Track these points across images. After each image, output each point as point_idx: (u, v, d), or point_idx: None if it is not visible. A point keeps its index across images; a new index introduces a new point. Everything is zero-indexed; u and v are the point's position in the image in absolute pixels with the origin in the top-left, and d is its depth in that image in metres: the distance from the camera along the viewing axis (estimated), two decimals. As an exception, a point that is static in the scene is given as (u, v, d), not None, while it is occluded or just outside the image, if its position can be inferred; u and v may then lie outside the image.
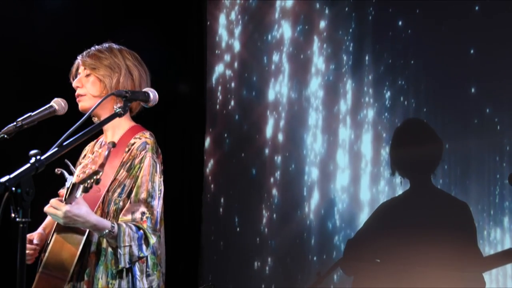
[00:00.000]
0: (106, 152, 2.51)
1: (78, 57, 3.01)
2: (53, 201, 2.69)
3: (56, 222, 2.85)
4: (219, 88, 5.40)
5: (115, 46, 3.02)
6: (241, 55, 5.30)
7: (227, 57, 5.37)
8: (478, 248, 4.02)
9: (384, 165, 4.47)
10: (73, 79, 3.01)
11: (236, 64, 5.31)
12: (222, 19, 5.38)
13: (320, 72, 4.87)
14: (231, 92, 5.33)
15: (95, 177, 2.55)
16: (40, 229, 3.01)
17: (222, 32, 5.38)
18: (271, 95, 5.10)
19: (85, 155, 3.11)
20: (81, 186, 2.58)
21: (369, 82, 4.59)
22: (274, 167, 5.05)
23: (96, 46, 3.01)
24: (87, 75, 2.96)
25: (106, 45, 3.02)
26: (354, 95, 4.67)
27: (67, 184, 2.66)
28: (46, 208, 2.70)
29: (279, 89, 5.07)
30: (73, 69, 3.03)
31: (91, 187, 2.59)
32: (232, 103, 5.32)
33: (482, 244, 4.05)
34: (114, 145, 2.57)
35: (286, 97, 5.02)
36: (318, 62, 4.88)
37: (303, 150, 4.91)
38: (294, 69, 5.02)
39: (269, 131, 5.10)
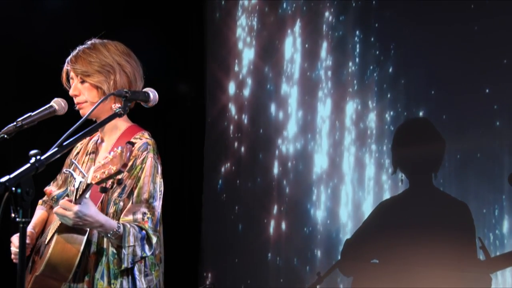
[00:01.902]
0: (128, 153, 2.49)
1: (66, 64, 2.96)
2: (63, 202, 2.68)
3: (54, 222, 2.84)
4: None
5: (98, 42, 2.96)
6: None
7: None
8: (476, 248, 4.02)
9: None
10: (66, 84, 2.99)
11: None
12: (231, 89, 5.35)
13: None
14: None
15: (116, 177, 2.54)
16: (30, 228, 2.99)
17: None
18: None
19: (77, 153, 3.09)
20: (99, 187, 2.57)
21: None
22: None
23: (81, 47, 2.95)
24: (82, 82, 2.92)
25: (90, 43, 2.96)
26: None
27: (76, 184, 2.66)
28: (56, 209, 2.69)
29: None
30: (63, 75, 2.99)
31: (111, 187, 2.58)
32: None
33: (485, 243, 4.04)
34: (133, 144, 2.55)
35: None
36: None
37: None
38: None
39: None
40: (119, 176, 2.53)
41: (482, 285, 3.99)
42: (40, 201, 3.18)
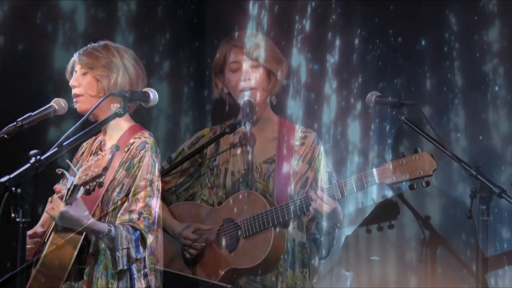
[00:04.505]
0: (110, 156, 2.50)
1: (75, 55, 3.00)
2: (54, 199, 2.69)
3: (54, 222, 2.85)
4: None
5: (111, 44, 3.00)
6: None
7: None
8: (476, 247, 4.02)
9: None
10: (69, 77, 3.01)
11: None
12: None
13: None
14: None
15: (98, 180, 2.55)
16: (38, 225, 3.01)
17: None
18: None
19: (82, 153, 3.10)
20: (82, 188, 2.58)
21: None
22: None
23: (93, 44, 2.99)
24: (84, 74, 2.94)
25: (102, 43, 2.99)
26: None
27: (68, 184, 2.66)
28: (47, 209, 2.70)
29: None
30: (69, 67, 3.01)
31: (93, 189, 2.59)
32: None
33: (484, 244, 4.04)
34: (118, 148, 2.56)
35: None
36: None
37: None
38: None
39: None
40: (100, 179, 2.54)
41: (481, 285, 3.99)
42: (49, 199, 3.18)
